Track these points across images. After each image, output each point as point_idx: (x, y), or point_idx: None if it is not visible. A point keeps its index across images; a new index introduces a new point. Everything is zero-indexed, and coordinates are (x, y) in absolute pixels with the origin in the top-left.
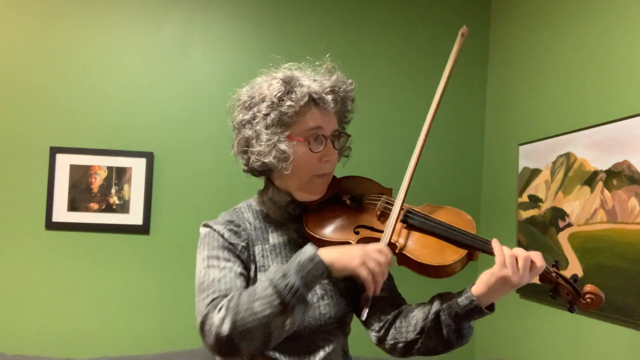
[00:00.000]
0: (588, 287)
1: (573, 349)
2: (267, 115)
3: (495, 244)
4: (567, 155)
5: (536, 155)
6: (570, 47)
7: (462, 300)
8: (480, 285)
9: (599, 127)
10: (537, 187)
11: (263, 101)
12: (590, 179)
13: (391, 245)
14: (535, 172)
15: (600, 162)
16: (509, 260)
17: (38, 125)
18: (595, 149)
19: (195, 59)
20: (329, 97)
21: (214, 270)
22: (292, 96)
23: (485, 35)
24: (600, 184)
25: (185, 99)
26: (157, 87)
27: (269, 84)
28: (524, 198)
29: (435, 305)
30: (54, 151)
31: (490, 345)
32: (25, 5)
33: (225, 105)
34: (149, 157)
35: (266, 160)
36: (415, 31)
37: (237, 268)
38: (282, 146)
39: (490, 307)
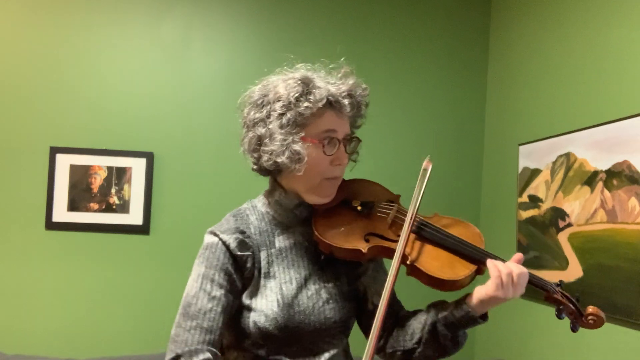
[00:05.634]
0: (590, 309)
1: (573, 348)
2: (282, 115)
3: (489, 262)
4: (567, 155)
5: (536, 155)
6: (570, 47)
7: (457, 312)
8: (474, 300)
9: (599, 127)
10: (537, 187)
11: (278, 100)
12: (590, 179)
13: (403, 256)
14: (535, 172)
15: (600, 162)
16: (506, 279)
17: (38, 125)
18: (595, 149)
19: (196, 59)
20: (346, 101)
21: (203, 296)
22: (310, 97)
23: (485, 35)
24: (600, 184)
25: (185, 99)
26: (157, 87)
27: (285, 84)
28: (524, 198)
29: (431, 316)
30: (54, 151)
31: (490, 345)
32: (25, 5)
33: (225, 105)
34: (149, 157)
35: (279, 160)
36: (415, 32)
37: (225, 299)
38: (296, 147)
39: (484, 317)
